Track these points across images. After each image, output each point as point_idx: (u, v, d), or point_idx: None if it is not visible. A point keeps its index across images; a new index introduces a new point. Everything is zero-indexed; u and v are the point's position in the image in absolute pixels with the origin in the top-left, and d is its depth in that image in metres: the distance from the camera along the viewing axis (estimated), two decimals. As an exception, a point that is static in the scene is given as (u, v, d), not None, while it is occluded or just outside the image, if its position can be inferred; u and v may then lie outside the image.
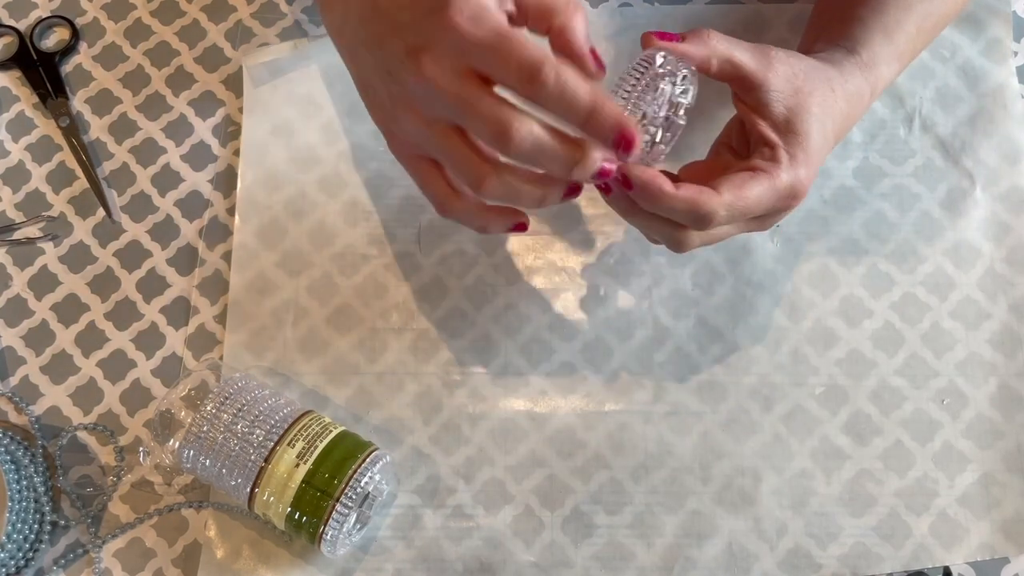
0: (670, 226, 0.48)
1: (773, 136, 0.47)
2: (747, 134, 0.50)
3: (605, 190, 0.48)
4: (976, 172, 0.60)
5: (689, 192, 0.46)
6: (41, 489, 0.55)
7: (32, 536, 0.54)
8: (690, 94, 0.47)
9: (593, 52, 0.43)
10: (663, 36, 0.46)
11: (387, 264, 0.60)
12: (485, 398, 0.57)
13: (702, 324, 0.58)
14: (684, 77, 0.46)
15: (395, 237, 0.61)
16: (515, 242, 0.60)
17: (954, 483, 0.55)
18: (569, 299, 0.59)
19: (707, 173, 0.48)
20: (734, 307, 0.58)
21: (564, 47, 0.43)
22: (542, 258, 0.60)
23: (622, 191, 0.47)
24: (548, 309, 0.59)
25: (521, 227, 0.49)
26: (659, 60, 0.46)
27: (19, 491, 0.54)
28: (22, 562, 0.54)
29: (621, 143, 0.42)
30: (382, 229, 0.61)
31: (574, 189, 0.46)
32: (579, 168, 0.43)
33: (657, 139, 0.46)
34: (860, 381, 0.57)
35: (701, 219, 0.46)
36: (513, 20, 0.44)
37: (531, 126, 0.42)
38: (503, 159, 0.44)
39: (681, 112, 0.46)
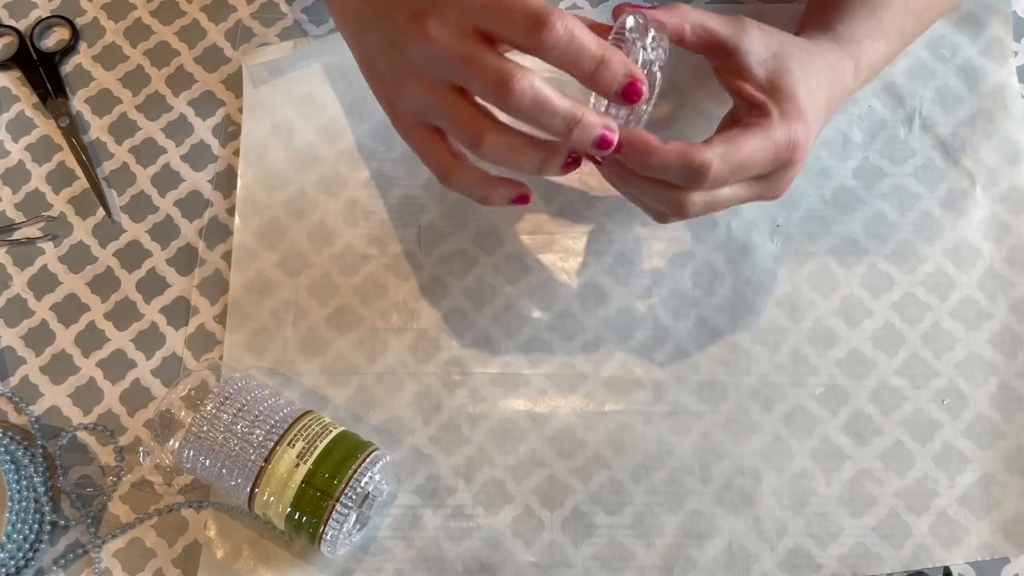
0: (667, 188, 0.47)
1: (760, 96, 0.47)
2: (741, 113, 0.49)
3: (596, 161, 0.48)
4: (976, 172, 0.60)
5: (678, 146, 0.45)
6: (41, 489, 0.55)
7: (32, 536, 0.54)
8: (662, 48, 0.46)
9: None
10: (634, 7, 0.47)
11: (387, 264, 0.60)
12: (485, 398, 0.57)
13: (702, 324, 0.58)
14: (653, 37, 0.46)
15: (395, 237, 0.61)
16: (515, 242, 0.60)
17: (954, 483, 0.55)
18: (569, 299, 0.59)
19: None
20: (734, 307, 0.58)
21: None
22: (542, 258, 0.60)
23: (613, 157, 0.46)
24: (548, 309, 0.59)
25: (523, 198, 0.48)
26: (629, 23, 0.46)
27: (19, 491, 0.54)
28: (22, 562, 0.54)
29: (630, 92, 0.42)
30: (382, 229, 0.61)
31: (574, 160, 0.46)
32: (579, 129, 0.43)
33: (644, 107, 0.46)
34: (860, 381, 0.57)
35: (695, 173, 0.45)
36: None
37: (532, 79, 0.42)
38: (505, 119, 0.44)
39: (656, 69, 0.46)
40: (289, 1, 0.67)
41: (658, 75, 0.46)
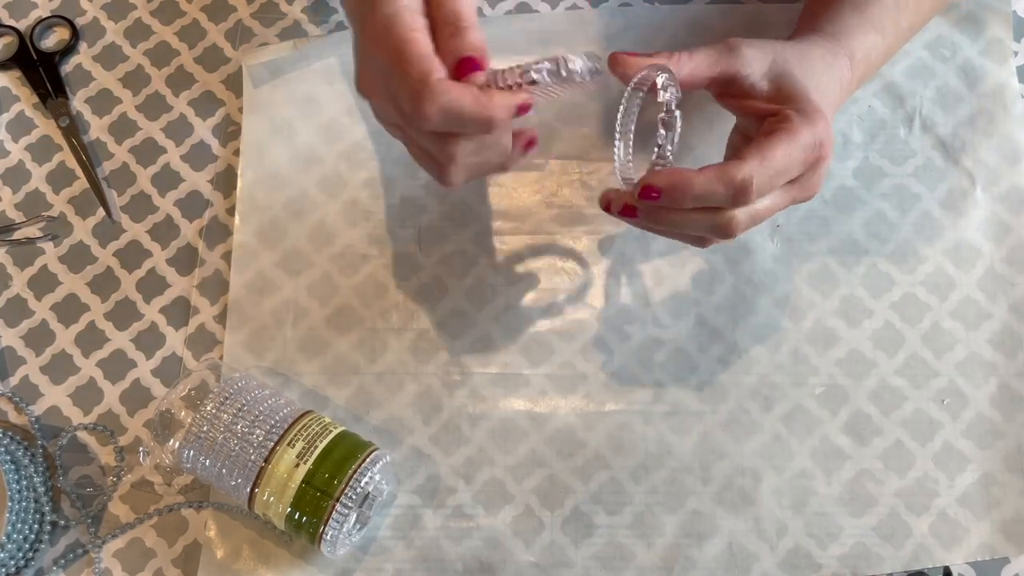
0: (711, 214, 0.47)
1: (772, 106, 0.47)
2: (751, 131, 0.50)
3: (629, 214, 0.48)
4: (976, 172, 0.60)
5: (716, 169, 0.45)
6: (41, 489, 0.55)
7: (32, 536, 0.54)
8: (674, 87, 0.47)
9: (468, 61, 0.44)
10: (631, 56, 0.48)
11: (387, 264, 0.60)
12: (485, 398, 0.57)
13: (702, 324, 0.58)
14: (664, 81, 0.47)
15: (395, 237, 0.61)
16: (515, 242, 0.60)
17: (954, 483, 0.55)
18: (569, 299, 0.59)
19: None
20: (734, 307, 0.58)
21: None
22: (542, 258, 0.60)
23: (650, 206, 0.46)
24: (548, 309, 0.59)
25: (531, 143, 0.49)
26: (660, 81, 0.47)
27: (19, 491, 0.54)
28: (22, 562, 0.54)
29: (522, 111, 0.44)
30: (382, 229, 0.61)
31: (531, 142, 0.47)
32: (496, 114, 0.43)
33: (662, 143, 0.47)
34: (860, 381, 0.57)
35: (740, 190, 0.45)
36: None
37: (444, 101, 0.42)
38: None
39: (674, 109, 0.47)
40: (289, 1, 0.67)
41: (677, 114, 0.47)
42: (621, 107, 0.49)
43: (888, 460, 0.55)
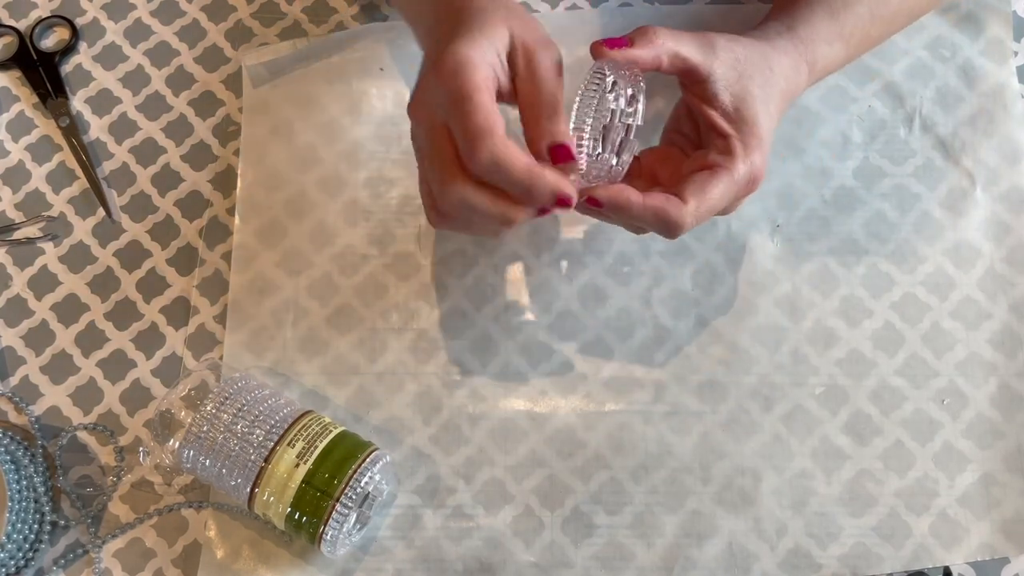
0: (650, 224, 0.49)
1: (725, 126, 0.48)
2: (695, 120, 0.51)
3: (567, 206, 0.48)
4: (976, 172, 0.60)
5: (656, 202, 0.47)
6: (41, 489, 0.55)
7: (32, 536, 0.54)
8: (638, 114, 0.47)
9: (560, 148, 0.46)
10: (612, 44, 0.48)
11: (387, 264, 0.60)
12: (485, 398, 0.57)
13: (702, 324, 0.58)
14: (632, 96, 0.47)
15: (395, 237, 0.61)
16: (515, 242, 0.60)
17: (954, 483, 0.55)
18: (569, 299, 0.59)
19: (662, 161, 0.51)
20: (734, 307, 0.58)
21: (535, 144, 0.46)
22: (542, 258, 0.60)
23: (598, 210, 0.49)
24: (548, 309, 0.59)
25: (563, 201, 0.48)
26: (609, 79, 0.47)
27: (19, 491, 0.54)
28: (22, 562, 0.54)
29: (562, 204, 0.45)
30: (382, 229, 0.61)
31: (542, 210, 0.47)
32: (535, 194, 0.45)
33: (613, 162, 0.48)
34: (860, 381, 0.57)
35: (671, 227, 0.48)
36: (502, 95, 0.47)
37: (495, 144, 0.44)
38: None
39: (630, 121, 0.47)
40: (289, 1, 0.67)
41: (634, 126, 0.47)
42: (576, 99, 0.48)
43: (888, 460, 0.55)
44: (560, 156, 0.45)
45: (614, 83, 0.47)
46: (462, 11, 0.48)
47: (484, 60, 0.45)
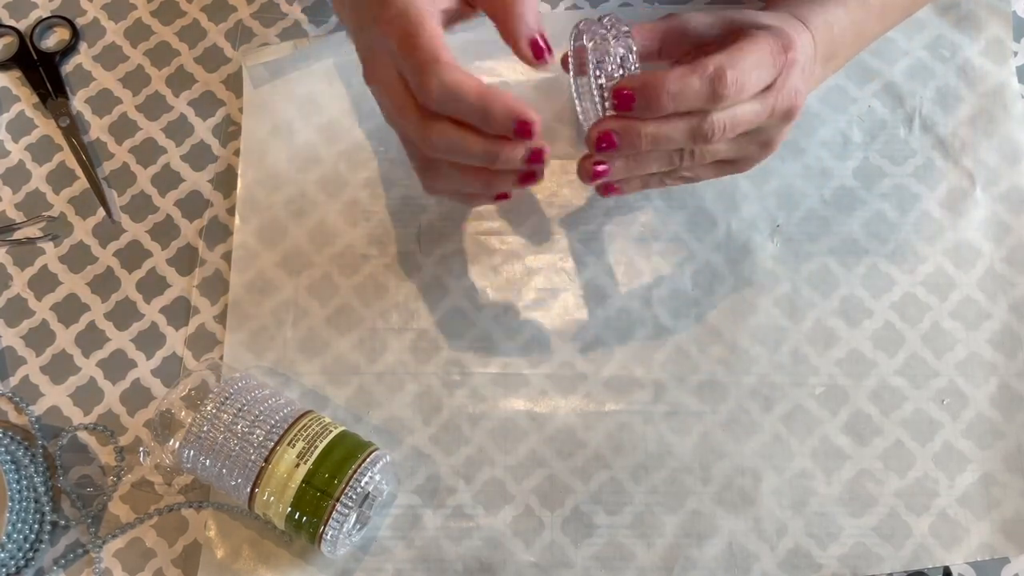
0: (687, 122, 0.46)
1: (724, 35, 0.48)
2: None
3: (608, 143, 0.47)
4: (976, 172, 0.60)
5: (686, 65, 0.45)
6: (41, 489, 0.55)
7: (32, 536, 0.54)
8: (634, 51, 0.48)
9: (536, 41, 0.46)
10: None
11: (387, 264, 0.60)
12: (485, 398, 0.57)
13: (702, 324, 0.58)
14: (623, 34, 0.47)
15: (395, 237, 0.61)
16: (515, 242, 0.60)
17: (954, 483, 0.55)
18: (569, 299, 0.59)
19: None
20: (734, 307, 0.58)
21: (504, 30, 0.46)
22: (542, 258, 0.60)
23: (626, 126, 0.46)
24: (548, 309, 0.59)
25: (531, 177, 0.48)
26: (599, 32, 0.48)
27: (19, 491, 0.54)
28: (22, 562, 0.54)
29: (522, 130, 0.44)
30: (382, 229, 0.61)
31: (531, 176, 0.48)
32: (502, 160, 0.45)
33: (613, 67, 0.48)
34: (860, 381, 0.57)
35: (714, 78, 0.44)
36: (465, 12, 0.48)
37: (445, 130, 0.45)
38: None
39: (628, 64, 0.48)
40: (289, 1, 0.67)
41: (633, 64, 0.48)
42: (571, 71, 0.49)
43: (888, 460, 0.55)
44: (542, 49, 0.46)
45: (605, 34, 0.47)
46: None
47: (431, 3, 0.46)
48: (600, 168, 0.48)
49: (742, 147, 0.50)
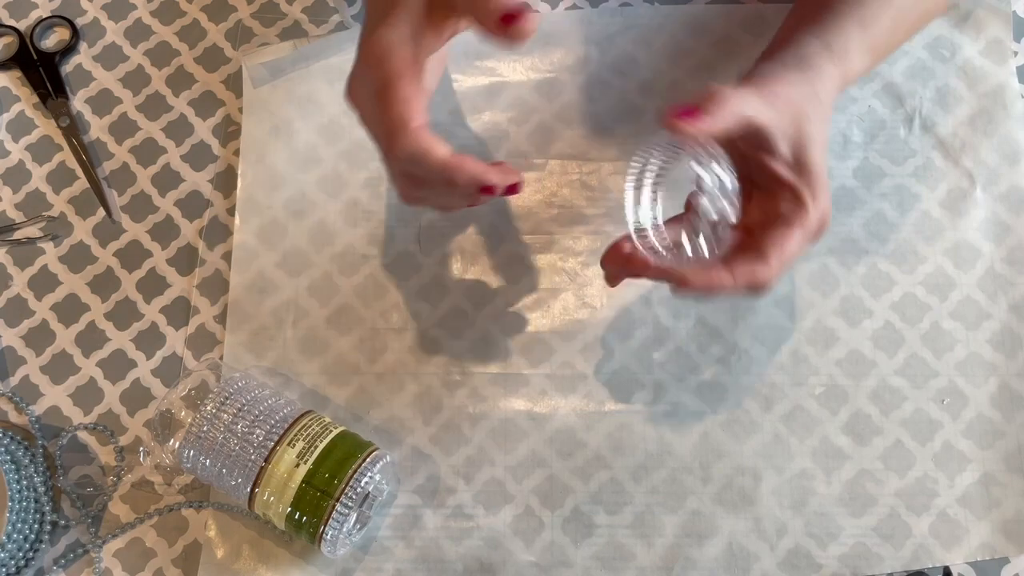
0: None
1: (789, 177, 0.47)
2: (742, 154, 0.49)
3: (491, 195, 0.49)
4: (976, 172, 0.60)
5: (745, 275, 0.46)
6: (41, 489, 0.55)
7: (32, 536, 0.54)
8: (728, 176, 0.46)
9: (507, 14, 0.43)
10: (684, 113, 0.44)
11: (387, 264, 0.60)
12: (485, 398, 0.57)
13: (702, 324, 0.58)
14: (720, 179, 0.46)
15: (395, 237, 0.61)
16: (515, 242, 0.60)
17: (954, 483, 0.55)
18: (569, 299, 0.59)
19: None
20: (734, 307, 0.58)
21: (480, 21, 0.44)
22: (542, 258, 0.60)
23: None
24: (548, 309, 0.59)
25: (513, 189, 0.49)
26: (697, 175, 0.46)
27: (19, 491, 0.54)
28: (22, 562, 0.54)
29: (487, 192, 0.46)
30: (382, 229, 0.61)
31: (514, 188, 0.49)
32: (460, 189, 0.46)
33: (703, 242, 0.47)
34: (860, 381, 0.57)
35: (759, 290, 0.47)
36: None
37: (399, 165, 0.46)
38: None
39: (730, 217, 0.47)
40: (289, 1, 0.67)
41: (728, 225, 0.47)
42: (637, 161, 0.47)
43: (888, 460, 0.55)
44: (511, 19, 0.42)
45: (699, 165, 0.46)
46: None
47: (404, 41, 0.45)
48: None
49: None
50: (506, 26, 0.43)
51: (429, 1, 0.46)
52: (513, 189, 0.48)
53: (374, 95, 0.46)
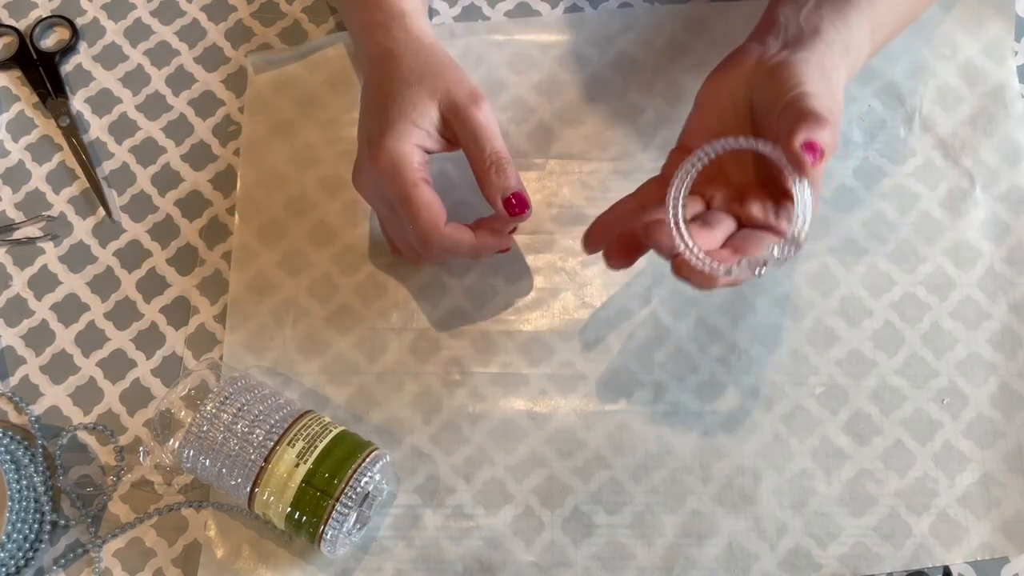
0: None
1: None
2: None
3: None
4: (976, 172, 0.60)
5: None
6: (41, 489, 0.55)
7: (32, 536, 0.54)
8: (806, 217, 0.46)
9: (514, 198, 0.51)
10: (812, 150, 0.44)
11: (387, 264, 0.60)
12: (485, 398, 0.57)
13: (702, 324, 0.58)
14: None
15: (395, 237, 0.61)
16: (515, 242, 0.60)
17: (954, 483, 0.55)
18: (569, 299, 0.59)
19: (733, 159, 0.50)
20: (734, 307, 0.58)
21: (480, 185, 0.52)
22: (542, 258, 0.60)
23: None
24: (548, 309, 0.59)
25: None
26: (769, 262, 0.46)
27: (19, 491, 0.54)
28: (22, 562, 0.54)
29: (504, 251, 0.55)
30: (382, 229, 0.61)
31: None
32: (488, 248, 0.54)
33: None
34: (860, 381, 0.57)
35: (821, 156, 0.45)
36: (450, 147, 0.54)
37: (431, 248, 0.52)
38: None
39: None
40: (289, 1, 0.67)
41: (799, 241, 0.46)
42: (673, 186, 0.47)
43: (888, 460, 0.55)
44: (517, 207, 0.51)
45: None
46: (392, 82, 0.52)
47: (416, 150, 0.51)
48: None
49: None
50: (507, 208, 0.51)
51: (440, 119, 0.52)
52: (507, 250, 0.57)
53: (397, 203, 0.51)
